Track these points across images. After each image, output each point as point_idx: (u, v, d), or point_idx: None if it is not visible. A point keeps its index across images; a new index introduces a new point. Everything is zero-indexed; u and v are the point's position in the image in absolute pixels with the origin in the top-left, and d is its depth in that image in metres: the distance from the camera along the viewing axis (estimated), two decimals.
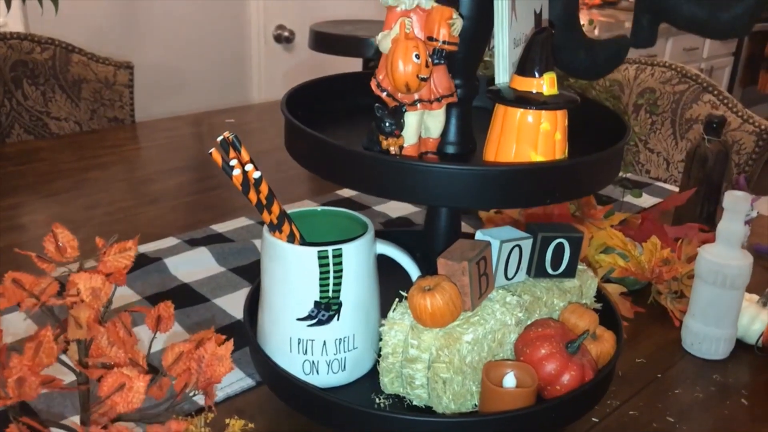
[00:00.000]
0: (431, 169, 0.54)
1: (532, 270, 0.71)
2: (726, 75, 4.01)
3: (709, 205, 1.13)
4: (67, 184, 1.33)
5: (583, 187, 0.59)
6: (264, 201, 0.61)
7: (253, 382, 0.77)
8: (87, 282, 0.51)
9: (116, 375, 0.52)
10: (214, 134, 1.72)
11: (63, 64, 1.67)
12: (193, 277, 1.00)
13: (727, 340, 0.87)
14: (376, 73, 0.59)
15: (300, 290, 0.65)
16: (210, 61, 2.47)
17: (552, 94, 0.58)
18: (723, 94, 1.55)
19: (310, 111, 0.73)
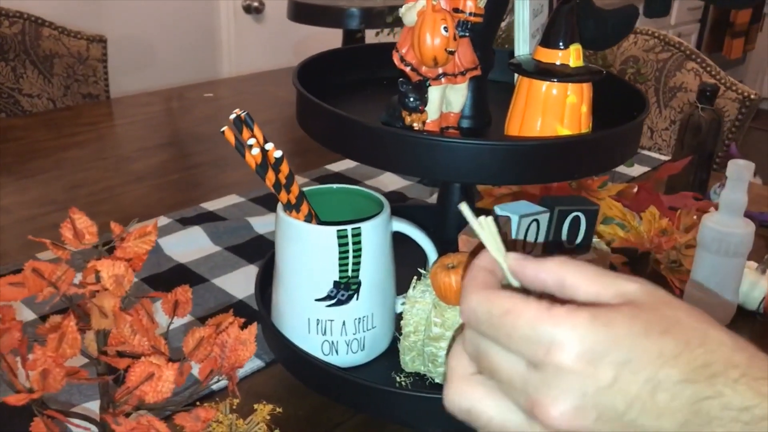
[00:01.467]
0: (465, 146, 0.53)
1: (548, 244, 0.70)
2: (693, 41, 4.06)
3: (701, 173, 1.14)
4: (46, 163, 1.29)
5: (609, 160, 0.59)
6: (284, 181, 0.59)
7: (263, 363, 0.76)
8: (110, 269, 0.49)
9: (144, 364, 0.50)
10: (193, 109, 1.69)
11: (33, 38, 1.60)
12: (188, 258, 0.98)
13: (728, 308, 0.88)
14: (398, 46, 0.57)
15: (319, 270, 0.63)
16: (179, 33, 2.41)
17: (578, 66, 0.57)
18: (706, 62, 1.56)
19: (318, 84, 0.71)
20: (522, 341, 0.37)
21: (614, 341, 0.35)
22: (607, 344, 0.35)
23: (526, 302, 0.37)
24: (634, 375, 0.35)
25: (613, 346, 0.35)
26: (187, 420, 0.53)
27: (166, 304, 0.59)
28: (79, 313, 0.53)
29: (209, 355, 0.57)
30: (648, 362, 0.35)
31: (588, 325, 0.36)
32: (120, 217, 1.07)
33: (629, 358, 0.35)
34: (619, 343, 0.35)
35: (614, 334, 0.36)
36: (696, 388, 0.35)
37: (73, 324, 0.49)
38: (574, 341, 0.35)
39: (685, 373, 0.35)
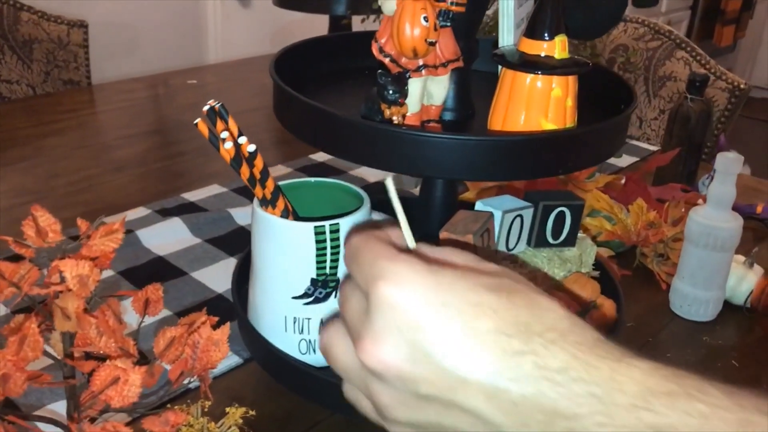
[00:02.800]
0: (445, 141, 0.51)
1: (532, 240, 0.69)
2: (683, 29, 4.04)
3: (690, 164, 1.13)
4: (25, 151, 1.26)
5: (595, 155, 0.57)
6: (258, 176, 0.57)
7: (241, 359, 0.74)
8: (73, 269, 0.47)
9: (109, 368, 0.48)
10: (176, 97, 1.66)
11: (12, 23, 1.57)
12: (167, 250, 0.96)
13: (715, 302, 0.87)
14: (378, 36, 0.55)
15: (296, 268, 0.61)
16: (164, 18, 2.37)
17: (563, 58, 0.55)
18: (696, 51, 1.55)
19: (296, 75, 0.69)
20: (363, 270, 0.38)
21: (437, 285, 0.37)
22: (429, 286, 0.36)
23: (384, 242, 0.40)
24: (447, 319, 0.36)
25: (434, 289, 0.36)
26: (156, 424, 0.51)
27: (136, 303, 0.57)
28: (43, 314, 0.51)
29: (181, 356, 0.55)
30: (465, 310, 0.36)
31: (418, 268, 0.37)
32: (99, 208, 1.07)
33: (448, 302, 0.36)
34: (441, 288, 0.36)
35: (439, 281, 0.37)
36: (510, 342, 0.35)
37: (35, 326, 0.47)
38: (398, 276, 0.37)
39: (500, 326, 0.35)
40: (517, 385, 0.34)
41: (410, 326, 0.36)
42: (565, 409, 0.33)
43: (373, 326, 0.37)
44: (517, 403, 0.34)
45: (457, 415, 0.36)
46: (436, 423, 0.37)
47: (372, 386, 0.38)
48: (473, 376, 0.35)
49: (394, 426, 0.40)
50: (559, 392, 0.34)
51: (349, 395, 0.43)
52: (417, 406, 0.37)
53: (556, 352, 0.34)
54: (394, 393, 0.38)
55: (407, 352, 0.36)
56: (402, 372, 0.36)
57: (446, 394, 0.36)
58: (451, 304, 0.36)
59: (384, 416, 0.40)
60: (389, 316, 0.37)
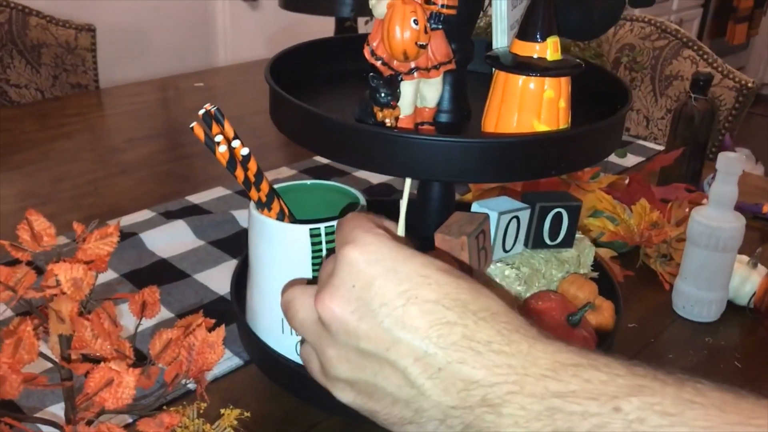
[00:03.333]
0: (435, 143, 0.51)
1: (529, 241, 0.69)
2: (695, 27, 4.01)
3: (694, 164, 1.12)
4: (33, 155, 1.28)
5: (590, 156, 0.57)
6: (252, 179, 0.57)
7: (241, 361, 0.75)
8: (67, 272, 0.48)
9: (103, 370, 0.49)
10: (183, 99, 1.67)
11: (20, 27, 1.58)
12: (171, 252, 0.96)
13: (718, 303, 0.87)
14: (369, 39, 0.55)
15: (292, 270, 0.62)
16: (173, 21, 2.38)
17: (555, 60, 0.55)
18: (703, 50, 1.54)
19: (294, 78, 0.69)
20: (340, 237, 0.43)
21: (395, 256, 0.41)
22: (388, 255, 0.41)
23: (369, 220, 0.44)
24: (395, 284, 0.40)
25: (391, 258, 0.41)
26: (151, 426, 0.51)
27: (133, 306, 0.57)
28: (40, 317, 0.51)
29: (177, 358, 0.55)
30: (414, 279, 0.40)
31: (385, 241, 0.42)
32: (104, 211, 1.08)
33: (399, 270, 0.40)
34: (398, 258, 0.41)
35: (399, 254, 0.41)
36: (446, 313, 0.39)
37: (30, 329, 0.48)
38: (365, 243, 0.41)
39: (440, 298, 0.39)
40: (443, 351, 0.38)
41: (362, 284, 0.40)
42: (483, 378, 0.37)
43: (333, 281, 0.41)
44: (442, 368, 0.38)
45: (389, 375, 0.40)
46: (372, 383, 0.41)
47: (322, 340, 0.42)
48: (406, 337, 0.39)
49: (336, 384, 0.43)
50: (480, 362, 0.37)
51: (302, 356, 0.47)
52: (357, 362, 0.41)
53: (484, 327, 0.38)
54: (339, 347, 0.41)
55: (355, 307, 0.40)
56: (348, 325, 0.40)
57: (382, 351, 0.39)
58: (402, 272, 0.40)
59: (328, 373, 0.43)
60: (347, 273, 0.41)
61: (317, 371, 0.45)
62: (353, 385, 0.42)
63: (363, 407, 0.43)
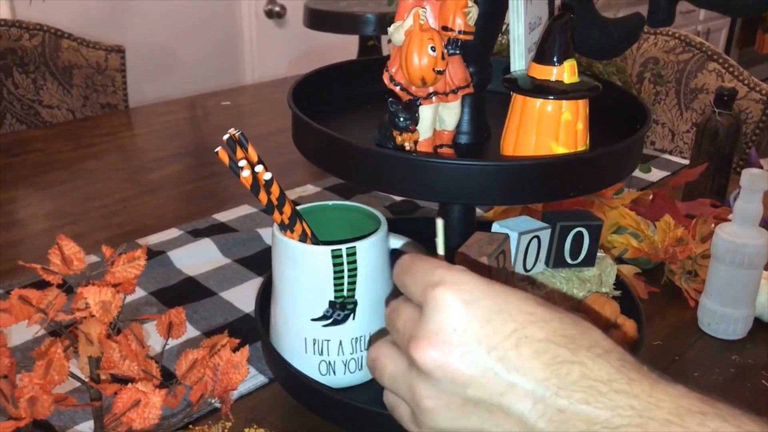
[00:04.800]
0: (453, 166, 0.52)
1: (551, 260, 0.69)
2: (723, 37, 3.97)
3: (719, 179, 1.11)
4: (63, 175, 1.31)
5: (608, 177, 0.57)
6: (275, 202, 0.59)
7: (266, 379, 0.76)
8: (96, 296, 0.49)
9: (131, 391, 0.50)
10: (211, 118, 1.70)
11: (53, 50, 1.63)
12: (198, 270, 0.98)
13: (745, 320, 0.86)
14: (389, 65, 0.56)
15: (314, 290, 0.63)
16: (201, 40, 2.42)
17: (573, 82, 0.55)
18: (728, 62, 1.53)
19: (316, 101, 0.71)
20: (419, 280, 0.40)
21: (492, 292, 0.39)
22: (485, 293, 0.39)
23: (434, 259, 0.42)
24: (503, 324, 0.38)
25: (489, 295, 0.39)
26: None
27: (160, 326, 0.59)
28: (70, 338, 0.53)
29: (202, 378, 0.56)
30: (518, 317, 0.38)
31: (475, 277, 0.40)
32: (133, 229, 1.10)
33: (502, 308, 0.38)
34: (496, 295, 0.39)
35: (494, 289, 0.39)
36: (559, 351, 0.37)
37: (60, 351, 0.49)
38: (457, 282, 0.39)
39: (550, 336, 0.37)
40: (564, 392, 0.36)
41: (465, 327, 0.38)
42: (606, 419, 0.35)
43: (428, 327, 0.39)
44: (563, 410, 0.36)
45: (501, 421, 0.38)
46: (479, 429, 0.38)
47: (418, 389, 0.40)
48: (523, 380, 0.37)
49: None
50: (602, 402, 0.35)
51: (388, 401, 0.45)
52: (461, 410, 0.38)
53: (602, 365, 0.36)
54: (441, 395, 0.39)
55: (461, 352, 0.38)
56: (454, 372, 0.38)
57: (494, 397, 0.37)
58: (506, 311, 0.38)
59: (422, 422, 0.41)
60: (446, 317, 0.38)
61: (407, 420, 0.43)
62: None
63: None
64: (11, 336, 0.78)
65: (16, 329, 0.51)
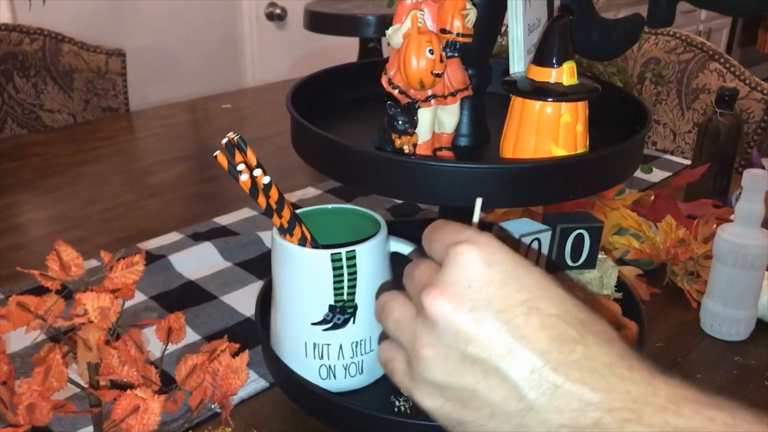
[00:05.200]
0: (452, 169, 0.51)
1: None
2: (724, 36, 3.97)
3: (721, 179, 1.11)
4: (65, 179, 1.31)
5: (608, 179, 0.57)
6: (274, 206, 0.58)
7: (267, 383, 0.75)
8: (94, 302, 0.49)
9: (129, 397, 0.50)
10: (211, 121, 1.70)
11: (53, 54, 1.63)
12: (198, 274, 0.98)
13: (747, 321, 0.86)
14: (387, 68, 0.56)
15: (314, 294, 0.63)
16: (202, 43, 2.42)
17: (572, 84, 0.55)
18: (729, 62, 1.52)
19: (315, 104, 0.70)
20: (445, 237, 0.41)
21: (514, 260, 0.39)
22: (507, 259, 0.39)
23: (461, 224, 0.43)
24: (518, 292, 0.38)
25: (511, 262, 0.39)
26: None
27: (159, 332, 0.59)
28: (68, 344, 0.53)
29: (201, 384, 0.56)
30: (535, 289, 0.38)
31: (499, 243, 0.40)
32: (134, 234, 1.10)
33: (521, 277, 0.39)
34: (518, 264, 0.39)
35: (516, 258, 0.40)
36: (568, 330, 0.37)
37: (59, 358, 0.49)
38: (482, 243, 0.39)
39: (562, 314, 0.38)
40: (563, 368, 0.36)
41: (480, 285, 0.38)
42: (601, 401, 0.35)
43: (445, 278, 0.39)
44: (558, 385, 0.36)
45: (495, 385, 0.38)
46: (470, 390, 0.38)
47: (420, 336, 0.40)
48: (525, 348, 0.37)
49: (422, 388, 0.41)
50: (599, 384, 0.36)
51: (383, 355, 0.44)
52: (458, 366, 0.38)
53: (606, 349, 0.37)
54: (441, 346, 0.39)
55: (471, 308, 0.38)
56: (458, 324, 0.38)
57: (493, 359, 0.37)
58: (524, 281, 0.38)
59: (416, 375, 0.40)
60: (464, 271, 0.38)
61: (401, 373, 0.42)
62: (445, 390, 0.40)
63: (450, 416, 0.40)
64: (10, 342, 0.78)
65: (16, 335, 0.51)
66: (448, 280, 0.39)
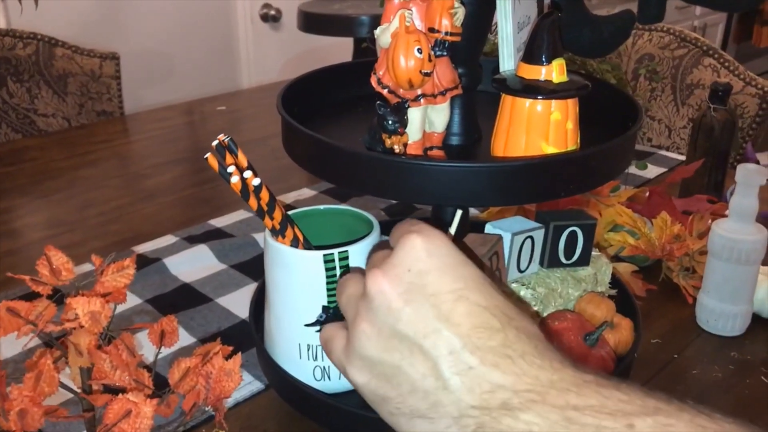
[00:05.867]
0: (442, 168, 0.51)
1: (545, 260, 0.68)
2: (720, 31, 3.97)
3: (716, 174, 1.11)
4: (59, 183, 1.30)
5: (599, 176, 0.57)
6: (265, 207, 0.58)
7: (262, 385, 0.75)
8: (85, 306, 0.49)
9: (121, 402, 0.50)
10: (206, 123, 1.70)
11: (47, 58, 1.62)
12: (193, 277, 0.98)
13: (743, 316, 0.86)
14: (376, 68, 0.56)
15: (307, 296, 0.62)
16: (197, 45, 2.42)
17: (562, 82, 0.55)
18: (724, 57, 1.52)
19: (306, 106, 0.70)
20: (403, 228, 0.44)
21: (456, 255, 0.42)
22: (450, 252, 0.42)
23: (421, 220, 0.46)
24: (451, 280, 0.41)
25: (453, 256, 0.42)
26: None
27: (152, 335, 0.58)
28: (60, 349, 0.52)
29: (195, 387, 0.56)
30: (469, 281, 0.41)
31: (447, 240, 0.43)
32: (129, 237, 1.10)
33: (458, 269, 0.42)
34: (459, 259, 0.42)
35: (459, 254, 0.43)
36: (491, 320, 0.40)
37: (50, 363, 0.49)
38: (431, 235, 0.43)
39: (490, 307, 0.41)
40: (479, 352, 0.39)
41: (418, 271, 0.42)
42: (510, 383, 0.38)
43: (390, 260, 0.43)
44: (473, 367, 0.39)
45: (417, 362, 0.40)
46: (395, 365, 0.41)
47: (361, 311, 0.43)
48: (447, 330, 0.40)
49: (355, 363, 0.44)
50: (510, 368, 0.38)
51: (324, 334, 0.49)
52: (388, 342, 0.42)
53: (523, 340, 0.40)
54: (375, 321, 0.42)
55: (405, 289, 0.42)
56: (392, 303, 0.41)
57: (418, 337, 0.40)
58: (461, 273, 0.42)
59: (351, 349, 0.44)
60: (406, 256, 0.42)
61: (339, 349, 0.46)
62: (374, 366, 0.43)
63: (375, 392, 0.43)
64: (1, 347, 0.78)
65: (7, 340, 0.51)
66: (393, 262, 0.43)
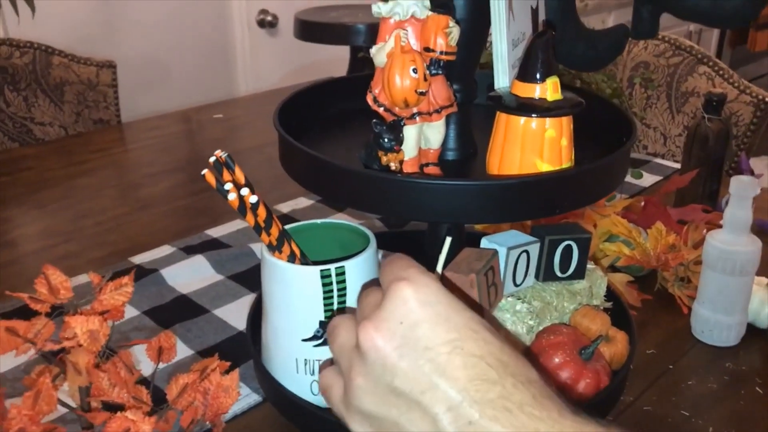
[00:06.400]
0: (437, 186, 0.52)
1: (540, 274, 0.69)
2: (715, 36, 3.98)
3: (711, 183, 1.11)
4: (56, 193, 1.31)
5: (594, 193, 0.57)
6: (262, 224, 0.59)
7: (259, 397, 0.76)
8: (83, 325, 0.49)
9: (120, 420, 0.50)
10: (203, 131, 1.70)
11: (44, 67, 1.63)
12: (191, 288, 0.98)
13: (738, 327, 0.86)
14: (372, 86, 0.56)
15: (304, 311, 0.63)
16: (193, 52, 2.42)
17: (556, 99, 0.55)
18: (718, 65, 1.53)
19: (303, 119, 0.71)
20: (393, 271, 0.43)
21: (448, 302, 0.42)
22: (441, 300, 0.41)
23: (414, 261, 0.44)
24: (444, 331, 0.40)
25: (444, 303, 0.41)
26: None
27: (150, 351, 0.59)
28: (59, 366, 0.53)
29: (192, 403, 0.56)
30: (462, 330, 0.41)
31: (441, 287, 0.42)
32: (126, 247, 1.10)
33: (451, 318, 0.41)
34: (451, 306, 0.41)
35: (451, 300, 0.42)
36: (488, 371, 0.39)
37: (49, 381, 0.49)
38: (420, 283, 0.42)
39: (485, 356, 0.40)
40: (478, 406, 0.38)
41: (411, 323, 0.41)
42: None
43: (381, 313, 0.42)
44: (473, 422, 0.38)
45: (416, 419, 0.40)
46: (394, 422, 0.41)
47: (355, 365, 0.43)
48: (445, 385, 0.39)
49: (354, 416, 0.43)
50: (510, 421, 0.38)
51: (323, 381, 0.47)
52: (385, 398, 0.41)
53: (521, 391, 0.39)
54: (371, 377, 0.42)
55: (399, 344, 0.41)
56: (387, 359, 0.41)
57: (416, 393, 0.40)
58: (453, 321, 0.41)
59: (349, 403, 0.43)
60: (398, 308, 0.41)
61: (337, 398, 0.45)
62: (373, 420, 0.42)
63: None
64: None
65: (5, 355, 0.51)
66: (383, 315, 0.41)
